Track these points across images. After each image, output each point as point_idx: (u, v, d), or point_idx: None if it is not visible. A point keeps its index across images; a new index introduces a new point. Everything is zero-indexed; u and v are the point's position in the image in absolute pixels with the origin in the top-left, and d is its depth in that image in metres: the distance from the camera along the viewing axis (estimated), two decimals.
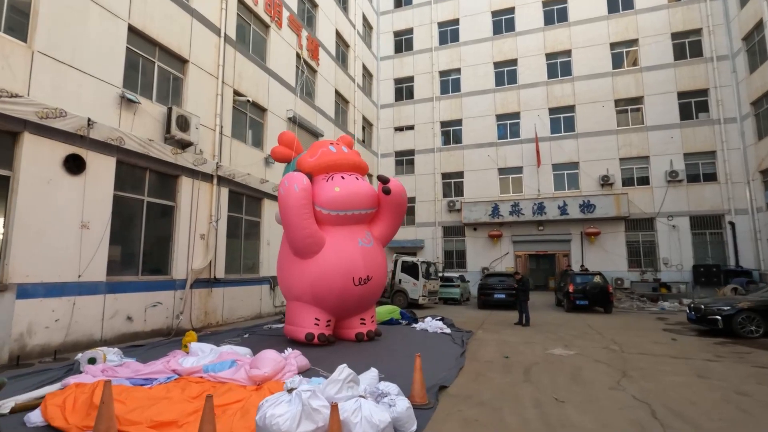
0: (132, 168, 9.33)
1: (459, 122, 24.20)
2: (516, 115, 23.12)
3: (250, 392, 4.74)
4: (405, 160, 25.26)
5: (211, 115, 11.64)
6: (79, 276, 7.88)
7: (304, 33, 17.04)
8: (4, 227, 7.00)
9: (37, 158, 7.37)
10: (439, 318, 11.26)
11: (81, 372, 5.79)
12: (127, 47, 9.26)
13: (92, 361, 6.33)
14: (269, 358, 5.31)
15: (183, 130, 10.09)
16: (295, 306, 8.57)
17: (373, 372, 4.89)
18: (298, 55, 16.50)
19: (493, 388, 5.49)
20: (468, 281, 20.51)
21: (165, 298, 9.83)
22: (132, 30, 9.41)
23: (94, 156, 8.31)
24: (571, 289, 14.98)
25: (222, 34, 12.12)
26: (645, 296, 18.18)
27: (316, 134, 17.29)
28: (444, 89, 24.93)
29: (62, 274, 7.65)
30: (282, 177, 8.57)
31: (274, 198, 13.92)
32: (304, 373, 6.09)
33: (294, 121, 15.64)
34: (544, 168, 21.98)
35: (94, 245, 8.19)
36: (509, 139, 23.07)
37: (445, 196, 24.00)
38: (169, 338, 9.28)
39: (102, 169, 8.48)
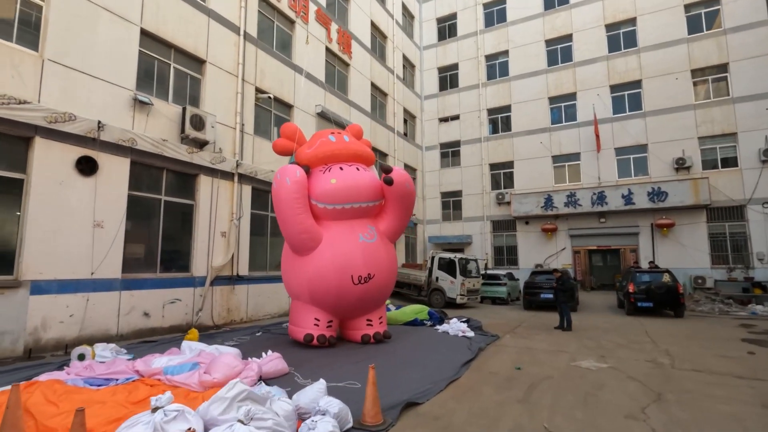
0: (148, 168, 9.58)
1: (507, 108, 22.52)
2: (571, 96, 20.95)
3: (190, 399, 4.38)
4: (450, 152, 24.11)
5: (231, 114, 11.72)
6: (92, 273, 8.18)
7: (334, 26, 16.74)
8: (18, 227, 7.42)
9: (49, 161, 7.73)
10: (464, 320, 10.29)
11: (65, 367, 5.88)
12: (140, 50, 9.51)
13: (81, 357, 6.46)
14: (223, 362, 4.92)
15: (198, 129, 10.20)
16: (296, 305, 8.22)
17: (319, 385, 4.28)
18: (327, 49, 16.25)
19: (475, 408, 4.61)
20: (517, 279, 18.96)
21: (184, 294, 10.00)
22: (145, 33, 9.65)
23: (107, 157, 8.60)
24: (631, 288, 13.07)
25: (241, 33, 12.15)
26: (732, 298, 15.43)
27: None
28: (491, 74, 23.36)
29: (76, 272, 7.98)
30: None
31: None
32: (279, 379, 5.66)
33: (323, 116, 15.41)
34: (605, 153, 19.65)
35: (107, 244, 8.48)
36: (564, 124, 20.97)
37: (493, 188, 22.50)
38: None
39: (115, 169, 8.76)
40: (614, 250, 20.70)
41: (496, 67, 23.20)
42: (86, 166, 8.24)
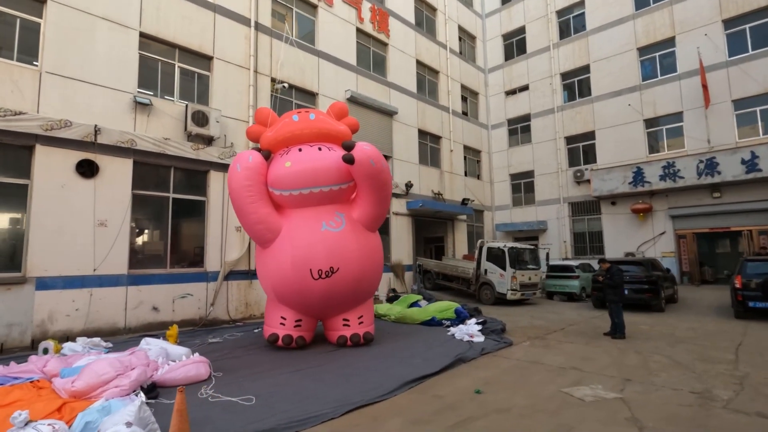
0: (154, 167, 9.88)
1: (585, 69, 19.05)
2: (668, 42, 16.80)
3: (51, 406, 4.00)
4: (519, 128, 21.37)
5: (244, 107, 11.61)
6: (95, 270, 8.64)
7: (366, 5, 15.77)
8: (24, 229, 8.12)
9: (50, 166, 8.30)
10: (481, 321, 8.63)
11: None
12: (140, 54, 9.81)
13: (45, 351, 6.71)
14: (92, 369, 4.47)
15: (201, 125, 10.23)
16: (268, 303, 7.64)
17: (133, 404, 3.51)
18: (359, 30, 15.38)
19: None
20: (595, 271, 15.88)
21: (196, 289, 10.17)
22: (145, 37, 9.94)
23: (108, 159, 9.01)
24: (738, 283, 9.77)
25: (252, 24, 11.96)
26: None
27: (387, 113, 15.90)
28: (564, 33, 20.01)
29: (81, 268, 8.50)
30: None
31: None
32: (192, 385, 5.08)
33: (355, 101, 14.62)
34: (717, 109, 15.32)
35: (111, 241, 8.90)
36: (660, 77, 16.93)
37: (571, 164, 19.29)
38: (197, 328, 9.59)
39: (117, 170, 9.15)
40: (735, 232, 16.10)
41: (570, 22, 19.78)
42: (87, 169, 8.71)
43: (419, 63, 18.13)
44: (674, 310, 11.51)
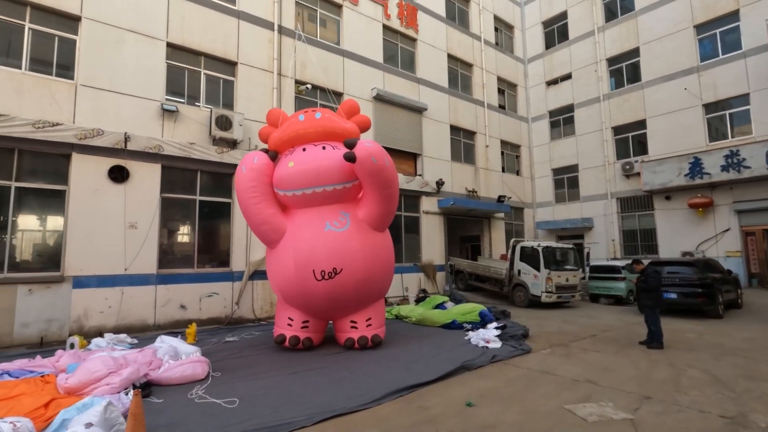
0: (181, 171, 10.29)
1: (634, 53, 17.53)
2: (731, 16, 15.02)
3: (44, 401, 4.20)
4: (562, 120, 20.11)
5: (268, 110, 11.79)
6: (125, 269, 9.15)
7: (393, 1, 15.53)
8: (62, 231, 8.75)
9: (85, 172, 8.90)
10: (500, 325, 8.12)
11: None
12: (167, 63, 10.28)
13: (72, 346, 7.16)
14: (85, 366, 4.65)
15: (224, 129, 10.53)
16: (277, 303, 7.65)
17: (99, 405, 3.54)
18: (385, 27, 15.18)
19: None
20: None
21: (222, 288, 10.49)
22: (171, 46, 10.39)
23: (138, 165, 9.51)
24: None
25: (275, 27, 12.16)
26: None
27: (416, 109, 15.57)
28: (609, 15, 18.55)
29: (113, 268, 9.03)
30: None
31: None
32: (187, 385, 5.17)
33: (381, 99, 14.45)
34: None
35: (141, 242, 9.38)
36: (721, 57, 15.17)
37: (619, 157, 17.85)
38: (222, 326, 9.90)
39: (146, 175, 9.63)
40: None
41: (617, 2, 18.28)
42: (118, 174, 9.24)
43: (451, 57, 17.59)
44: (735, 317, 10.23)
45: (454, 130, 17.26)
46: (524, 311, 11.88)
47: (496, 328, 7.92)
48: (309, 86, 12.61)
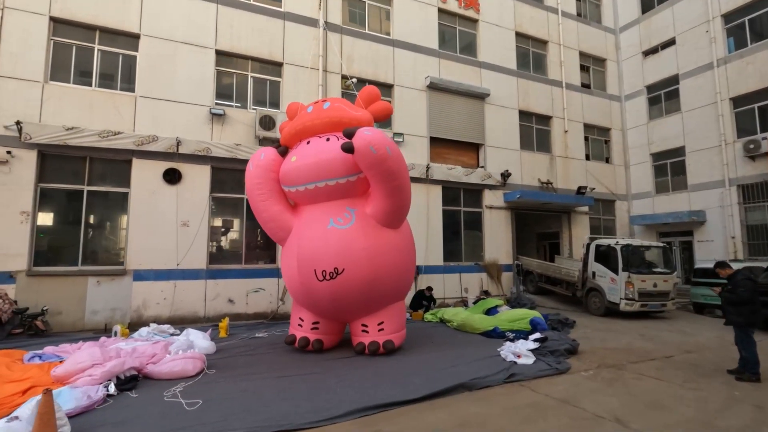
0: (231, 171, 10.77)
1: (762, 2, 13.94)
2: None
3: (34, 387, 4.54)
4: (663, 95, 16.91)
5: None
6: (178, 264, 9.85)
7: None
8: (125, 229, 9.72)
9: (143, 175, 9.78)
10: (540, 338, 6.90)
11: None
12: (217, 70, 10.84)
13: (115, 333, 7.82)
14: (73, 357, 4.89)
15: (268, 129, 10.77)
16: (292, 302, 7.47)
17: (35, 399, 3.58)
18: (441, 11, 14.27)
19: None
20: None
21: (269, 284, 10.77)
22: (220, 53, 10.93)
23: (189, 167, 10.18)
24: None
25: (321, 25, 12.13)
26: None
27: (477, 96, 14.39)
28: None
29: (167, 263, 9.79)
30: None
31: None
32: (175, 381, 5.22)
33: (436, 87, 13.62)
34: None
35: (192, 239, 10.03)
36: None
37: (740, 134, 14.40)
38: (267, 321, 10.17)
39: (197, 176, 10.26)
40: None
41: None
42: (172, 177, 10.00)
43: (520, 35, 15.91)
44: None
45: (524, 115, 15.59)
46: (597, 321, 10.16)
47: (535, 340, 6.75)
48: (355, 80, 12.36)
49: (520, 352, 6.25)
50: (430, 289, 11.53)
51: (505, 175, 14.44)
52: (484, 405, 4.43)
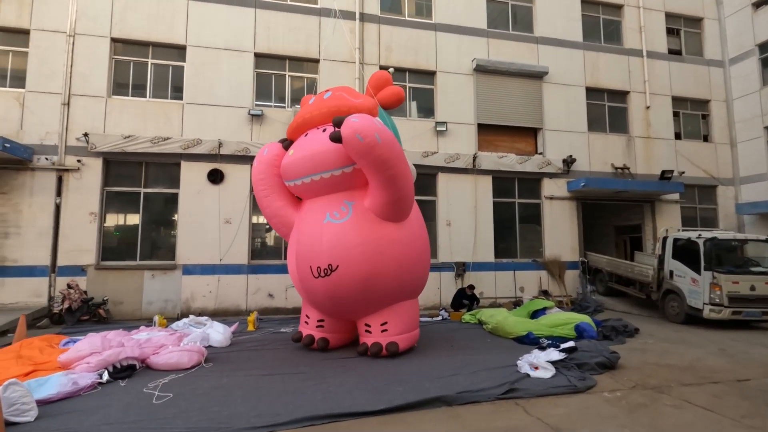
0: None
1: None
2: None
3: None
4: None
5: None
6: (221, 260, 10.39)
7: None
8: (175, 227, 10.50)
9: (190, 177, 10.48)
10: (568, 347, 5.87)
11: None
12: (255, 72, 11.22)
13: (153, 323, 8.43)
14: (77, 344, 5.25)
15: None
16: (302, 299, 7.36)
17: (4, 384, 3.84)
18: None
19: None
20: None
21: None
22: (259, 56, 11.29)
23: (231, 167, 10.69)
24: None
25: (357, 16, 11.91)
26: None
27: (533, 75, 13.03)
28: None
29: (211, 258, 10.39)
30: None
31: (450, 171, 11.97)
32: (170, 372, 5.40)
33: (484, 70, 12.61)
34: None
35: (233, 236, 10.52)
36: None
37: None
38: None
39: (238, 176, 10.73)
40: None
41: None
42: (216, 177, 10.59)
43: (587, 2, 14.05)
44: None
45: (593, 93, 13.74)
46: (672, 329, 8.50)
47: (562, 350, 5.76)
48: (392, 69, 11.86)
49: (538, 363, 5.37)
50: (471, 287, 10.70)
51: (569, 162, 12.87)
52: (452, 424, 3.80)
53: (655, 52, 14.40)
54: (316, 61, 11.68)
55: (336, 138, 5.66)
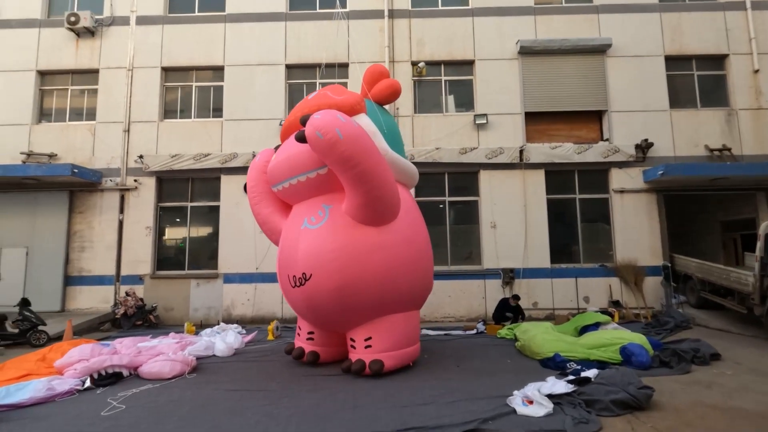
0: None
1: None
2: None
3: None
4: None
5: None
6: (257, 268, 10.66)
7: None
8: (217, 238, 11.05)
9: (229, 190, 10.99)
10: (578, 378, 4.62)
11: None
12: (287, 84, 11.42)
13: (182, 330, 8.83)
14: (70, 351, 5.57)
15: None
16: None
17: None
18: None
19: None
20: None
21: None
22: (290, 67, 11.48)
23: None
24: None
25: (386, 13, 11.48)
26: None
27: (593, 50, 11.27)
28: None
29: (249, 267, 10.73)
30: None
31: (494, 167, 10.88)
32: (154, 380, 5.51)
33: (531, 51, 11.25)
34: None
35: (267, 245, 10.71)
36: None
37: None
38: None
39: None
40: None
41: None
42: None
43: None
44: None
45: (676, 62, 11.39)
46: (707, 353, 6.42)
47: (570, 381, 4.57)
48: (422, 63, 11.20)
49: (533, 396, 4.30)
50: (516, 297, 9.42)
51: (644, 146, 10.80)
52: None
53: (763, 1, 11.47)
54: (345, 65, 11.49)
55: (300, 138, 5.29)
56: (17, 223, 10.97)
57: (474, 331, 8.82)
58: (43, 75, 11.71)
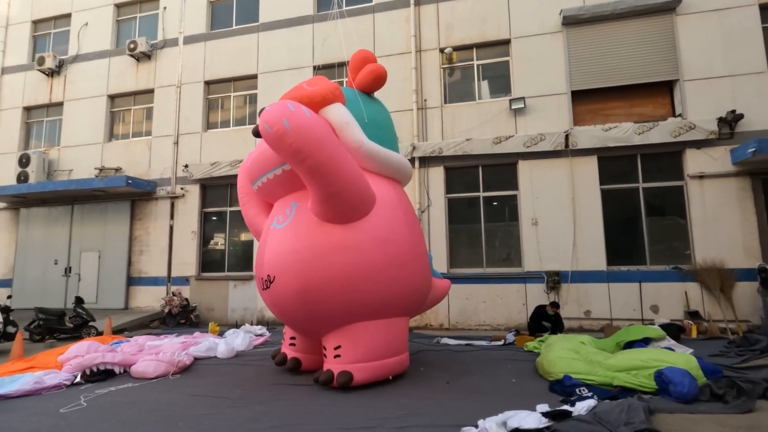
0: None
1: None
2: None
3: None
4: None
5: (407, 94, 10.62)
6: None
7: None
8: (251, 242, 11.34)
9: None
10: (555, 411, 3.58)
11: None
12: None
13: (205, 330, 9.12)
14: (71, 347, 5.92)
15: None
16: None
17: None
18: None
19: None
20: None
21: None
22: (317, 69, 11.43)
23: None
24: None
25: (411, 2, 10.86)
26: None
27: (658, 9, 9.44)
28: None
29: None
30: None
31: (534, 156, 9.70)
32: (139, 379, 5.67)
33: (577, 20, 9.78)
34: None
35: None
36: None
37: None
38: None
39: None
40: None
41: None
42: None
43: None
44: None
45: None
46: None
47: (545, 414, 3.58)
48: (449, 49, 10.34)
49: (491, 430, 3.44)
50: (555, 305, 8.12)
51: (730, 120, 8.70)
52: None
53: None
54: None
55: (254, 132, 5.02)
56: (93, 230, 12.46)
57: (501, 342, 7.76)
58: (113, 98, 13.20)
